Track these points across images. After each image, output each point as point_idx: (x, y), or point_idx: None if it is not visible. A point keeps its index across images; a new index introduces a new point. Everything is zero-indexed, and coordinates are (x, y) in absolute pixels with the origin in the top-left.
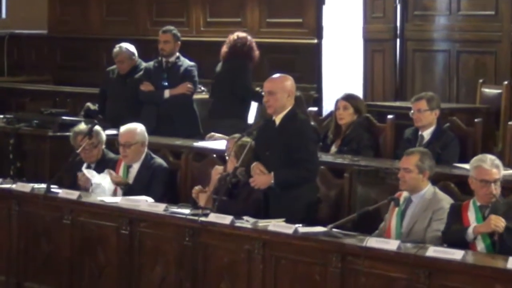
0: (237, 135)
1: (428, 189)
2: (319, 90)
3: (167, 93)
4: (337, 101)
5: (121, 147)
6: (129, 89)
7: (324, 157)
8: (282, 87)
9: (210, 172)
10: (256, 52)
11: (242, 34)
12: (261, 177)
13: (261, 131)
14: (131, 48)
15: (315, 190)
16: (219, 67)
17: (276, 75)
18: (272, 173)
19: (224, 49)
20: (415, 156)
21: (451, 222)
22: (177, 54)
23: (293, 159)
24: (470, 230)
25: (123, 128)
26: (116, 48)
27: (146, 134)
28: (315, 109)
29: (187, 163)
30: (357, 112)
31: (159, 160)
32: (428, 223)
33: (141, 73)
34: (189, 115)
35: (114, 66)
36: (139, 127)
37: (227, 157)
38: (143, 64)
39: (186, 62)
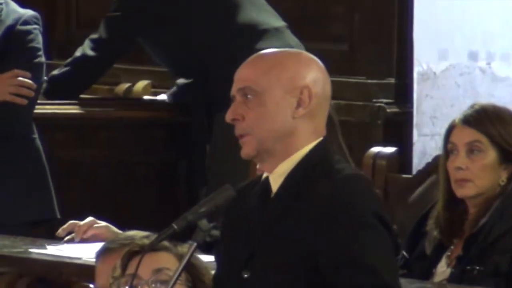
0: (139, 236)
1: None
2: (401, 93)
3: None
4: (451, 128)
5: None
6: None
7: None
8: (282, 78)
9: None
10: None
11: None
12: None
13: (231, 215)
14: None
15: None
16: None
17: (266, 52)
18: None
19: None
20: None
21: None
22: None
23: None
24: None
25: None
26: None
27: None
28: (389, 151)
29: None
30: (509, 159)
31: None
32: None
33: None
34: (22, 160)
35: None
36: None
37: None
38: None
39: (13, 11)
